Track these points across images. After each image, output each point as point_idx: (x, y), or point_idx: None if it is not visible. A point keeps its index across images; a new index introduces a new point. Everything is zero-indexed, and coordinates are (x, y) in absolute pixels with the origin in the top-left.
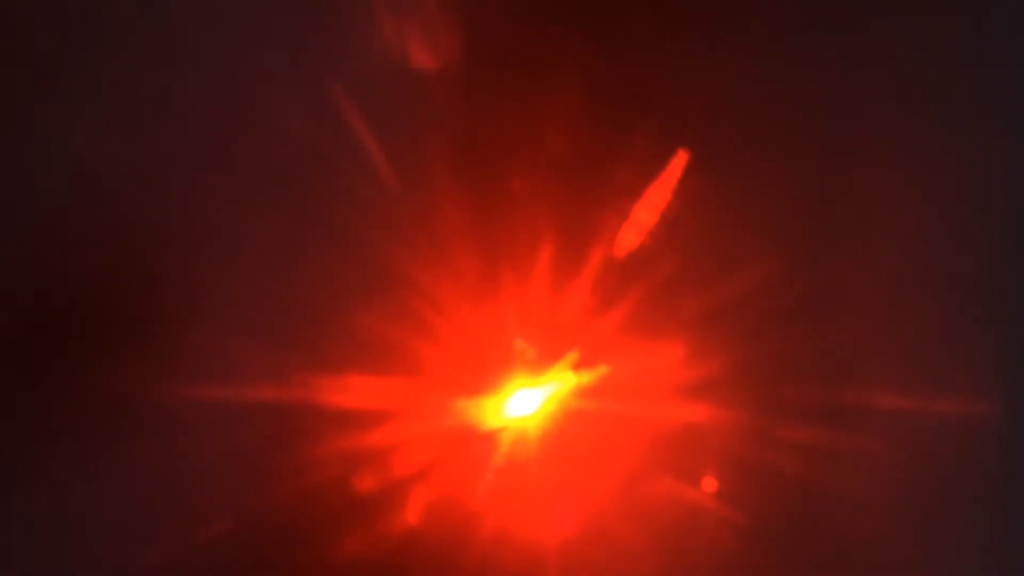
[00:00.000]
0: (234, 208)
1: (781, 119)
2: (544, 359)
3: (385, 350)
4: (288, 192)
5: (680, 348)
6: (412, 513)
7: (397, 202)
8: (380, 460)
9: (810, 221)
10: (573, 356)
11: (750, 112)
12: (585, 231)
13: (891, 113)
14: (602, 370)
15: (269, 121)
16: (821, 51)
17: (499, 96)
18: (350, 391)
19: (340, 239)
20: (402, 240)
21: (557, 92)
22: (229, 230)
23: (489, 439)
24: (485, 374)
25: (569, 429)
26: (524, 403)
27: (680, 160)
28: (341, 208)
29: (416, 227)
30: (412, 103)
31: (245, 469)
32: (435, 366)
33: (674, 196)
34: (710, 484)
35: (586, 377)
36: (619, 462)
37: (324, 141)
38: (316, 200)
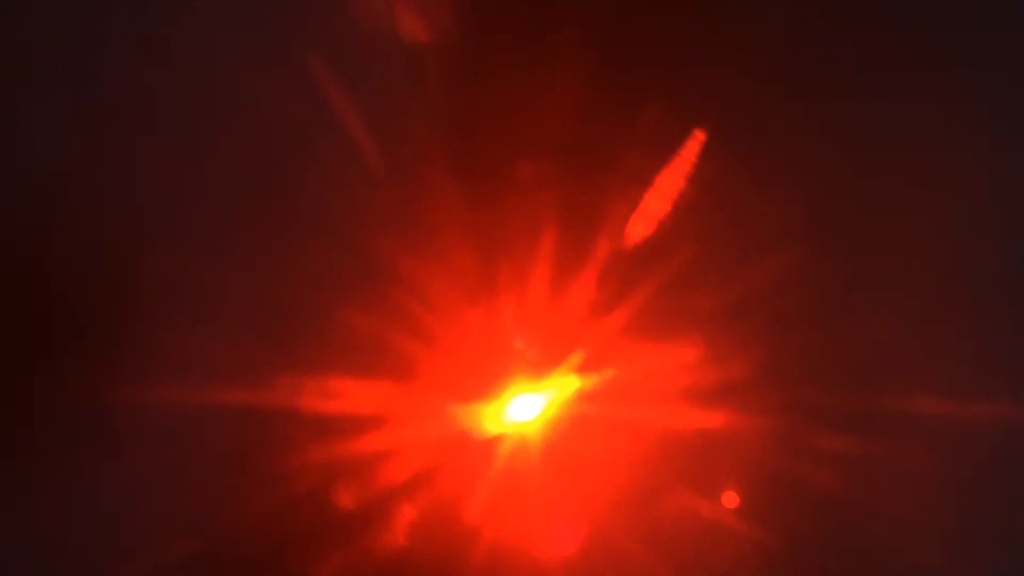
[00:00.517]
0: (206, 195)
1: (807, 95)
2: (546, 360)
3: (372, 350)
4: (266, 178)
5: (695, 348)
6: (401, 530)
7: (385, 189)
8: (367, 471)
9: (839, 208)
10: (578, 357)
11: (773, 89)
12: (591, 220)
13: (933, 98)
14: (609, 373)
15: (244, 101)
16: (855, 25)
17: (497, 72)
18: (334, 395)
19: (323, 229)
20: (391, 231)
21: (561, 68)
22: (201, 219)
23: (486, 448)
24: (482, 377)
25: (573, 437)
26: (524, 408)
27: (696, 142)
28: (324, 196)
29: (406, 216)
30: (401, 80)
31: (218, 481)
32: (427, 368)
33: (689, 181)
34: (730, 498)
35: (592, 380)
36: (628, 474)
37: (304, 122)
38: (297, 187)
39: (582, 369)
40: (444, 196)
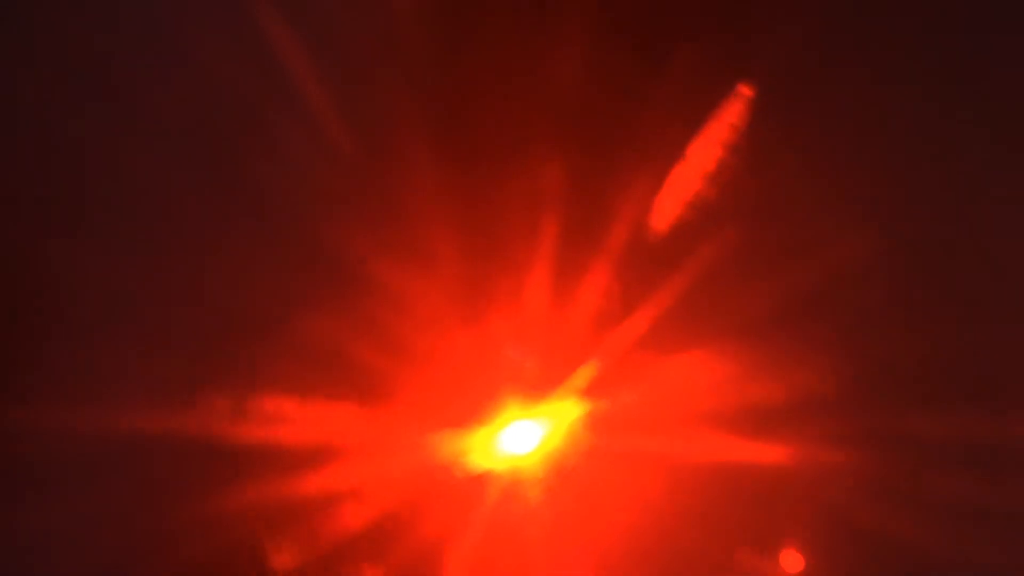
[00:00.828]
0: (130, 177)
1: (881, 49)
2: (547, 379)
3: (333, 366)
4: (208, 159)
5: (732, 363)
6: None
7: (353, 174)
8: (322, 515)
9: (914, 190)
10: (585, 375)
11: (838, 38)
12: (603, 205)
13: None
14: (624, 394)
15: (185, 63)
16: None
17: (490, 36)
18: (283, 420)
19: (276, 221)
20: (360, 223)
21: (564, 24)
22: (121, 207)
23: (473, 487)
24: (469, 400)
25: (579, 474)
26: (520, 438)
27: (738, 101)
28: (278, 181)
29: (379, 207)
30: (378, 47)
31: (131, 528)
32: (405, 390)
33: (727, 153)
34: (788, 559)
35: (602, 404)
36: (645, 520)
37: (261, 96)
38: (246, 170)
39: (590, 390)
40: (424, 182)
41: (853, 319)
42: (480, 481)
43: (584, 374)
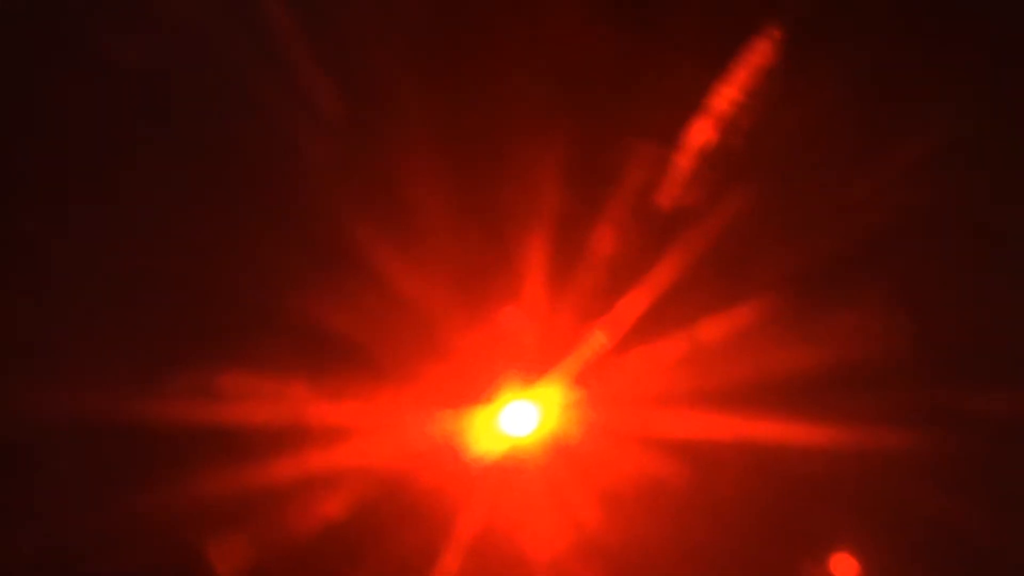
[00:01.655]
0: (105, 141)
1: None
2: (548, 356)
3: (332, 349)
4: (192, 128)
5: (748, 336)
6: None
7: (345, 145)
8: (324, 492)
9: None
10: (591, 349)
11: None
12: (609, 168)
13: None
14: (631, 372)
15: (175, 32)
16: None
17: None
18: (281, 402)
19: (268, 201)
20: (355, 202)
21: None
22: (98, 174)
23: (471, 466)
24: (468, 381)
25: (580, 452)
26: (519, 418)
27: (765, 44)
28: (271, 157)
29: (371, 180)
30: (372, 15)
31: (102, 511)
32: (398, 370)
33: (749, 97)
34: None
35: (608, 382)
36: (649, 498)
37: (243, 55)
38: (233, 141)
39: (597, 366)
40: (420, 157)
41: (902, 283)
42: (479, 462)
43: (590, 347)
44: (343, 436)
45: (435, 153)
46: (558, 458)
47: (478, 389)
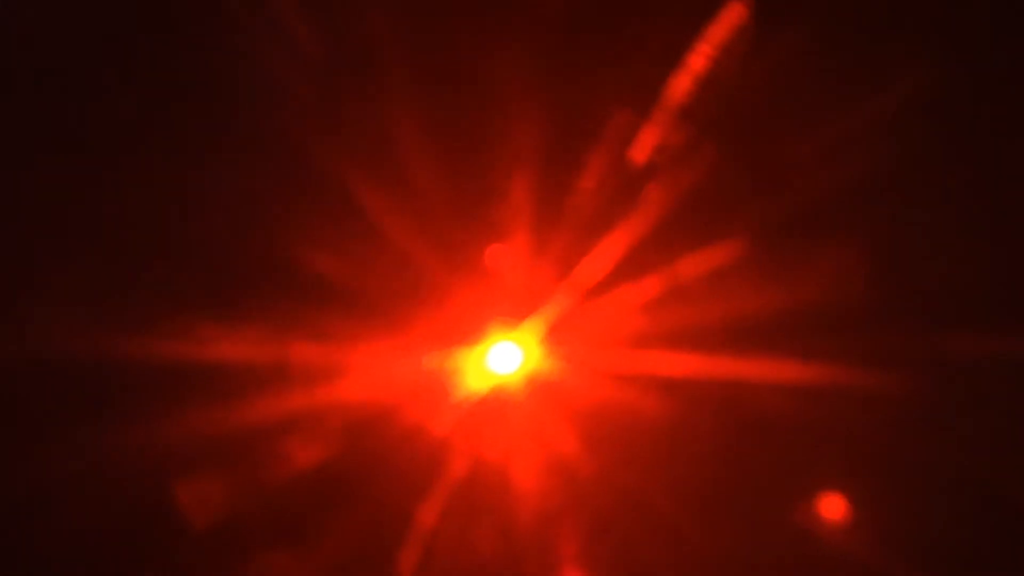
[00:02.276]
0: (92, 87)
1: None
2: (529, 300)
3: (320, 291)
4: (177, 75)
5: (728, 277)
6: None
7: (336, 96)
8: (313, 431)
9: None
10: (568, 293)
11: None
12: (589, 118)
13: None
14: (612, 311)
15: None
16: None
17: None
18: (270, 344)
19: (253, 145)
20: (341, 148)
21: None
22: (82, 118)
23: (457, 403)
24: (453, 321)
25: (562, 390)
26: (503, 358)
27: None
28: (254, 102)
29: (357, 126)
30: None
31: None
32: (384, 312)
33: (723, 54)
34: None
35: (591, 322)
36: (628, 433)
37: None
38: (220, 91)
39: (575, 308)
40: (405, 98)
41: (874, 228)
42: (465, 400)
43: (574, 289)
44: (331, 376)
45: (420, 98)
46: (541, 396)
47: (463, 330)
